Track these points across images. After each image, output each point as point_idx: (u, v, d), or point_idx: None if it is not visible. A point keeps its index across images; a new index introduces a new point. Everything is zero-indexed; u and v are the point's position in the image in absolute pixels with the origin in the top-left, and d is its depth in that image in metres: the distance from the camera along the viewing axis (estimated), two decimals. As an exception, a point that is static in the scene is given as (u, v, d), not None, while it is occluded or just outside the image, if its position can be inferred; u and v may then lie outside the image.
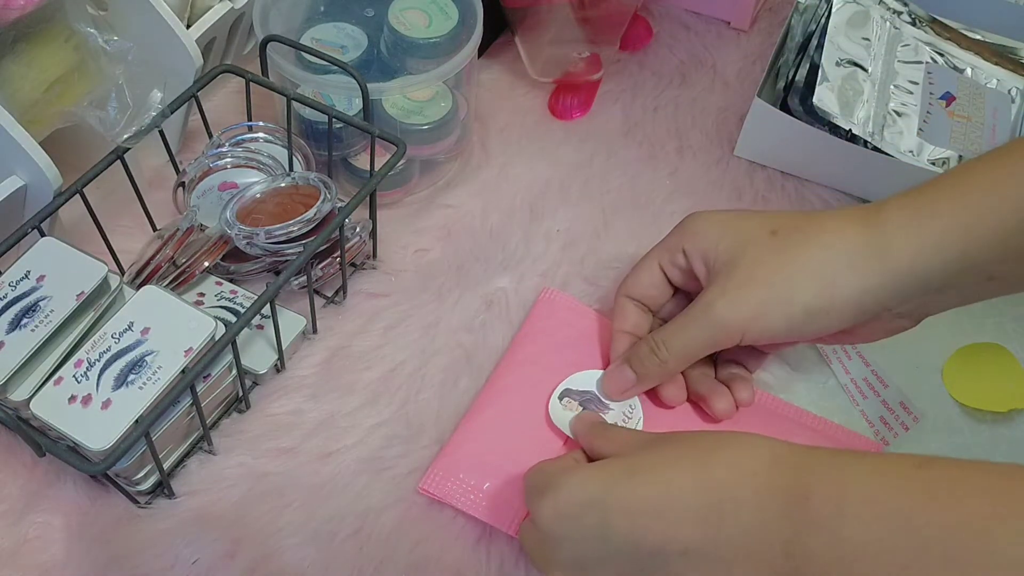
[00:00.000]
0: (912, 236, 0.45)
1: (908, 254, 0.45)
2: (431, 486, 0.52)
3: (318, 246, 0.52)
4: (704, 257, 0.51)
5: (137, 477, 0.50)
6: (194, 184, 0.58)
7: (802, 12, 0.72)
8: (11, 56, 0.52)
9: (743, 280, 0.48)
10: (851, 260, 0.46)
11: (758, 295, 0.47)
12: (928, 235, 0.45)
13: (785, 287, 0.47)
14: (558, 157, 0.70)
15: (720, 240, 0.50)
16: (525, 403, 0.54)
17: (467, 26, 0.62)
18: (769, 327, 0.48)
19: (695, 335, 0.50)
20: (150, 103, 0.53)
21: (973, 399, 0.58)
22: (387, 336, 0.59)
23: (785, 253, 0.47)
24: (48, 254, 0.50)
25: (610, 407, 0.54)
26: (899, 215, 0.46)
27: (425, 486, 0.52)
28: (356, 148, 0.64)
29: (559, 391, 0.54)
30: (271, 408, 0.56)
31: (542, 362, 0.56)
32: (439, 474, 0.52)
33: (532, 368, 0.56)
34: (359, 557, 0.51)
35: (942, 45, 0.73)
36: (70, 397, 0.46)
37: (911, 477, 0.37)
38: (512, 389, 0.55)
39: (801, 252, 0.47)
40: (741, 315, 0.48)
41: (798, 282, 0.47)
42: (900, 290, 0.46)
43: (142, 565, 0.50)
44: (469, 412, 0.55)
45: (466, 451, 0.53)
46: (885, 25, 0.72)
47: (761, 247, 0.48)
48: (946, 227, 0.45)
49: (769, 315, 0.47)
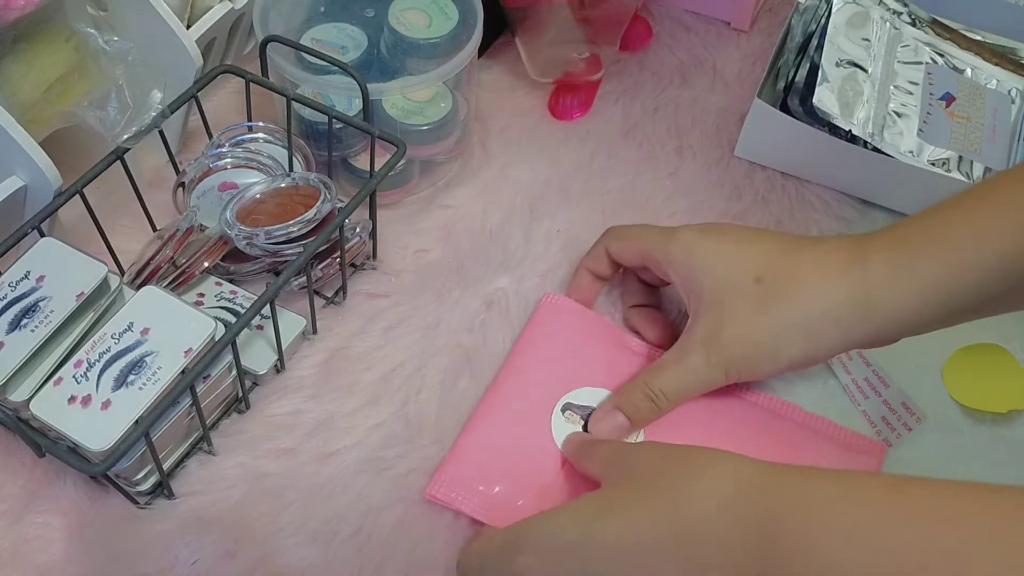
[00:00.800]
0: (896, 288, 0.47)
1: (892, 307, 0.47)
2: (439, 492, 0.52)
3: (318, 247, 0.52)
4: (686, 287, 0.53)
5: (137, 478, 0.50)
6: (194, 184, 0.58)
7: (802, 12, 0.72)
8: (11, 56, 0.52)
9: (731, 337, 0.50)
10: (836, 316, 0.48)
11: (746, 351, 0.50)
12: (911, 286, 0.46)
13: (772, 344, 0.49)
14: (558, 157, 0.70)
15: (704, 278, 0.51)
16: (529, 411, 0.54)
17: (467, 26, 0.62)
18: (756, 374, 0.51)
19: (691, 384, 0.51)
20: (150, 103, 0.53)
21: (973, 399, 0.58)
22: (387, 337, 0.59)
23: (770, 308, 0.49)
24: (48, 254, 0.50)
25: None
26: (883, 267, 0.47)
27: (433, 492, 0.52)
28: (356, 148, 0.64)
29: (561, 404, 0.54)
30: (271, 409, 0.56)
31: (545, 369, 0.56)
32: (446, 480, 0.52)
33: (535, 375, 0.56)
34: (359, 557, 0.51)
35: (942, 46, 0.73)
36: (70, 398, 0.46)
37: (882, 504, 0.36)
38: (515, 396, 0.55)
39: (785, 307, 0.49)
40: (734, 367, 0.50)
41: (784, 339, 0.49)
42: (882, 337, 0.49)
43: (142, 565, 0.50)
44: (473, 417, 0.55)
45: (472, 456, 0.53)
46: (885, 26, 0.72)
47: (746, 298, 0.50)
48: (929, 278, 0.46)
49: (758, 366, 0.50)
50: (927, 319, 0.47)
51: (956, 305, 0.46)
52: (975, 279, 0.45)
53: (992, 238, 0.45)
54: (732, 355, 0.50)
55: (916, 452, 0.56)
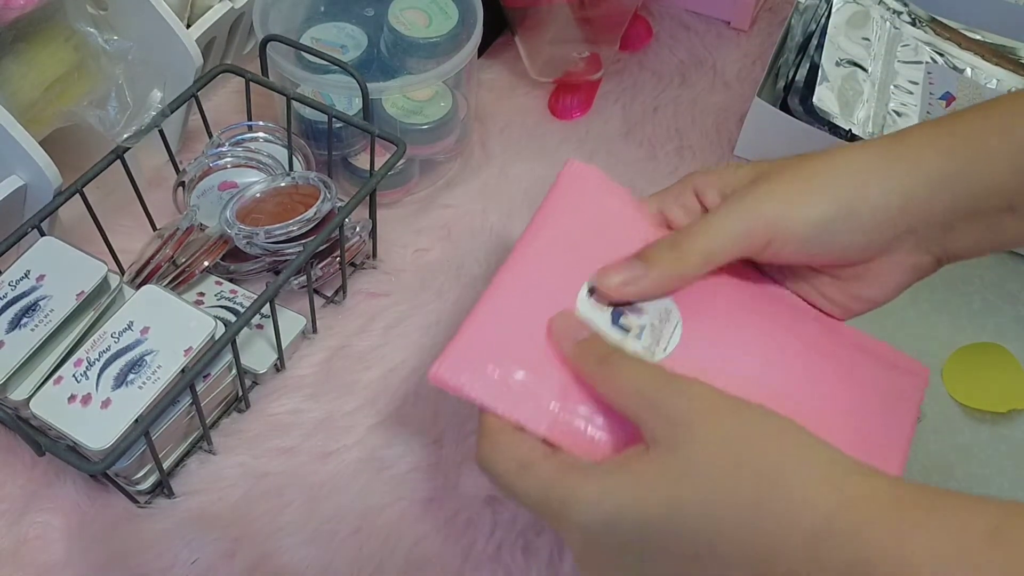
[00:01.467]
0: (939, 150, 0.44)
1: (936, 163, 0.44)
2: (446, 373, 0.42)
3: (318, 246, 0.52)
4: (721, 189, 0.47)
5: (137, 477, 0.50)
6: (194, 184, 0.58)
7: (802, 12, 0.72)
8: (11, 56, 0.52)
9: (773, 178, 0.45)
10: (879, 164, 0.44)
11: (790, 186, 0.45)
12: (954, 151, 0.44)
13: (817, 181, 0.45)
14: (558, 157, 0.70)
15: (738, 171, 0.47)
16: (551, 290, 0.46)
17: (467, 26, 0.62)
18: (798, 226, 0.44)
19: (720, 229, 0.45)
20: (150, 103, 0.53)
21: (973, 399, 0.58)
22: (387, 336, 0.59)
23: (811, 162, 0.45)
24: (48, 253, 0.50)
25: (644, 311, 0.47)
26: (923, 135, 0.45)
27: (439, 372, 0.42)
28: (356, 148, 0.64)
29: (588, 285, 0.46)
30: (271, 408, 0.56)
31: (568, 245, 0.48)
32: (456, 359, 0.42)
33: (557, 250, 0.48)
34: (359, 557, 0.51)
35: (942, 45, 0.73)
36: (70, 396, 0.46)
37: (984, 558, 0.33)
38: (534, 272, 0.47)
39: (827, 159, 0.45)
40: (772, 206, 0.44)
41: (829, 179, 0.45)
42: (928, 200, 0.44)
43: (142, 565, 0.50)
44: (485, 295, 0.46)
45: (487, 335, 0.44)
46: (885, 25, 0.72)
47: (785, 164, 0.46)
48: (971, 146, 0.44)
49: (800, 208, 0.44)
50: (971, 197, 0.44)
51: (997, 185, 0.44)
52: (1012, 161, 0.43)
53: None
54: (774, 191, 0.45)
55: (916, 452, 0.56)
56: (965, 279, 0.63)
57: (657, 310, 0.47)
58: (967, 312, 0.62)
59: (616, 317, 0.46)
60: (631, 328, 0.46)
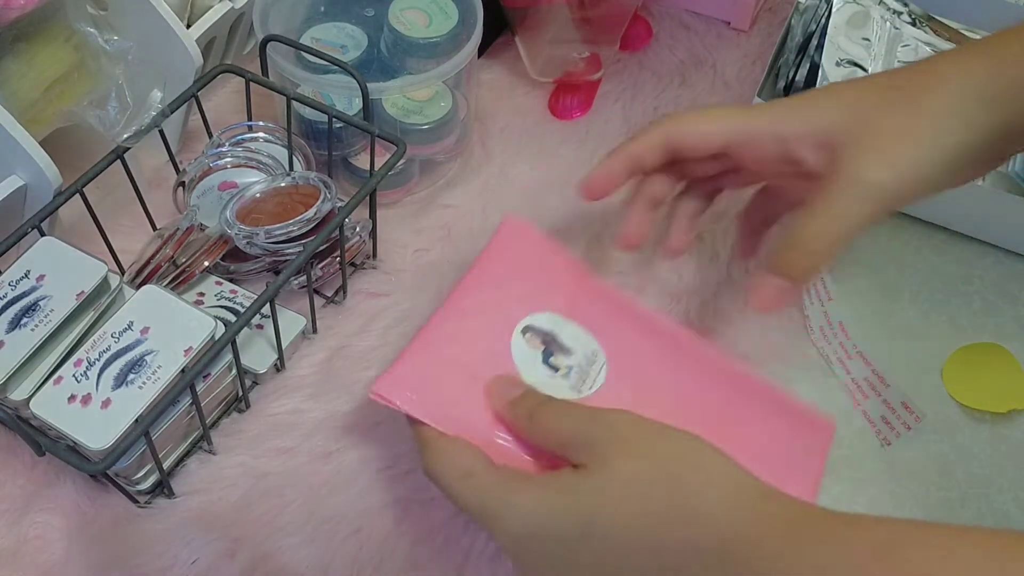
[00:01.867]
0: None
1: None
2: (384, 390, 0.47)
3: (318, 246, 0.52)
4: (818, 141, 0.46)
5: (137, 477, 0.50)
6: (194, 184, 0.58)
7: (802, 12, 0.72)
8: (11, 55, 0.52)
9: (887, 137, 0.44)
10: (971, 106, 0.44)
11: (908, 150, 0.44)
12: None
13: (931, 131, 0.44)
14: (558, 157, 0.70)
15: (833, 116, 0.46)
16: (487, 327, 0.51)
17: (467, 26, 0.62)
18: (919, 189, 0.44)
19: (849, 211, 0.44)
20: (150, 103, 0.53)
21: (973, 399, 0.58)
22: (387, 336, 0.59)
23: (917, 102, 0.44)
24: (48, 253, 0.50)
25: (573, 352, 0.51)
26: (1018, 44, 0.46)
27: (378, 390, 0.47)
28: (356, 148, 0.64)
29: (522, 324, 0.51)
30: (271, 408, 0.56)
31: (506, 287, 0.53)
32: (395, 379, 0.47)
33: (495, 292, 0.52)
34: (359, 557, 0.51)
35: (942, 45, 0.73)
36: (70, 396, 0.46)
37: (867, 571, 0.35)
38: (473, 311, 0.51)
39: (934, 97, 0.44)
40: (897, 172, 0.44)
41: (942, 126, 0.44)
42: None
43: (142, 565, 0.50)
44: (427, 327, 0.51)
45: (425, 359, 0.49)
46: (885, 25, 0.72)
47: (888, 105, 0.45)
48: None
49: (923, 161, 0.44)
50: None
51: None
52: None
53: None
54: (893, 155, 0.44)
55: (916, 452, 0.56)
56: (965, 279, 0.63)
57: (585, 353, 0.52)
58: (967, 312, 0.62)
59: (547, 356, 0.51)
60: (560, 367, 0.51)
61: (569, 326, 0.53)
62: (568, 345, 0.52)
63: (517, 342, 0.51)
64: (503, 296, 0.52)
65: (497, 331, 0.51)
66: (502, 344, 0.50)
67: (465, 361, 0.49)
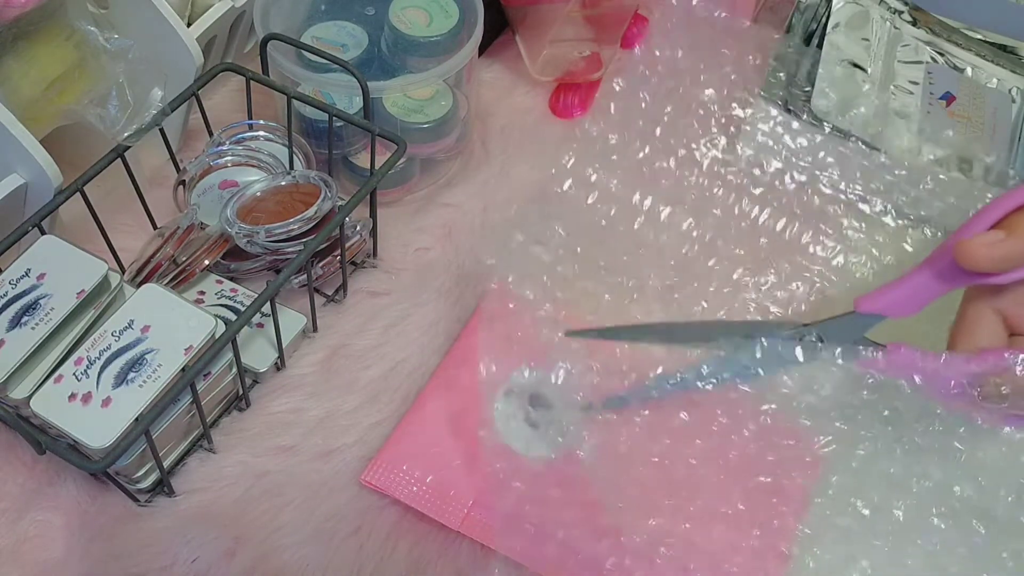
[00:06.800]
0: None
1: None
2: (374, 478, 0.52)
3: (318, 244, 0.52)
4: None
5: (137, 475, 0.50)
6: (194, 182, 0.58)
7: (802, 12, 0.72)
8: (12, 54, 0.52)
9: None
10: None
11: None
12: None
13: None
14: (559, 156, 0.70)
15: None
16: (470, 397, 0.53)
17: (468, 24, 0.62)
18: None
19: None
20: (151, 101, 0.53)
21: (973, 399, 0.58)
22: (387, 334, 0.59)
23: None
24: (48, 252, 0.50)
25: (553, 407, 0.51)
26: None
27: (368, 478, 0.52)
28: (356, 146, 0.64)
29: (504, 388, 0.53)
30: (271, 406, 0.56)
31: (487, 356, 0.54)
32: (383, 465, 0.52)
33: (476, 361, 0.54)
34: (359, 556, 0.51)
35: (942, 45, 0.73)
36: (70, 395, 0.46)
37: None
38: (456, 383, 0.55)
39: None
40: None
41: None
42: None
43: (142, 563, 0.50)
44: (414, 405, 0.55)
45: (410, 443, 0.53)
46: (885, 25, 0.72)
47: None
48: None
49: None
50: None
51: None
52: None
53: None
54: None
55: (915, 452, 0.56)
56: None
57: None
58: (967, 312, 0.62)
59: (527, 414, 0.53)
60: (539, 425, 0.53)
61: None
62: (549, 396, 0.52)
63: (500, 402, 0.53)
64: (485, 363, 0.53)
65: (478, 399, 0.53)
66: (484, 412, 0.52)
67: (450, 434, 0.53)
